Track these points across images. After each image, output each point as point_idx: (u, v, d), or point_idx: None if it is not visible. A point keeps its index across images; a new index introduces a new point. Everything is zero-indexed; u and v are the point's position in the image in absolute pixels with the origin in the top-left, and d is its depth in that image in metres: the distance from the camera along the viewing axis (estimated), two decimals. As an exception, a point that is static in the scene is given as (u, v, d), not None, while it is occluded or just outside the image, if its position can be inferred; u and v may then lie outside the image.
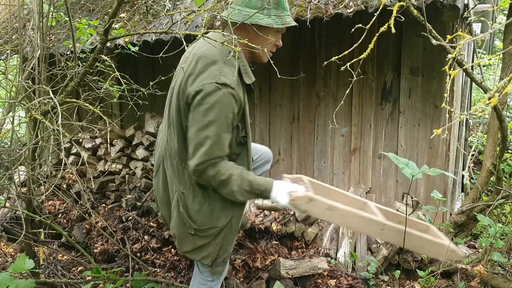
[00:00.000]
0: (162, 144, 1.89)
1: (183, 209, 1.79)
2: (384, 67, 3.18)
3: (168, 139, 1.81)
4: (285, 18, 1.71)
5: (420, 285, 2.62)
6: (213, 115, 1.57)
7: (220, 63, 1.61)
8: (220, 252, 1.87)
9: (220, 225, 1.81)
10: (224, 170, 1.63)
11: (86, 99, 2.31)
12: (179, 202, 1.80)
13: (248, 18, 1.64)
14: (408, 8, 1.85)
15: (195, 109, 1.59)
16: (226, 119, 1.59)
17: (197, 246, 1.83)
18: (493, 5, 4.17)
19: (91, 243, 3.22)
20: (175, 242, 1.93)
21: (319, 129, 3.45)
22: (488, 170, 2.56)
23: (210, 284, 2.05)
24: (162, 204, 1.94)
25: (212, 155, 1.60)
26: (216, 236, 1.82)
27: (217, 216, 1.79)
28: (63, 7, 3.10)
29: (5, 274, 1.72)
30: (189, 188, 1.77)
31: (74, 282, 2.60)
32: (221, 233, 1.83)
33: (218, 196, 1.77)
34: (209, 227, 1.79)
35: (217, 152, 1.61)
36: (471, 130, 5.49)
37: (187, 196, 1.78)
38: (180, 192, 1.79)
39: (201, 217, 1.77)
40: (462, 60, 1.89)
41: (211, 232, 1.81)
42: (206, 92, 1.56)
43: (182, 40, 1.69)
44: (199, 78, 1.60)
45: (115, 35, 2.17)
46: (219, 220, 1.80)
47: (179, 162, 1.77)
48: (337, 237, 2.96)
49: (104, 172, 3.61)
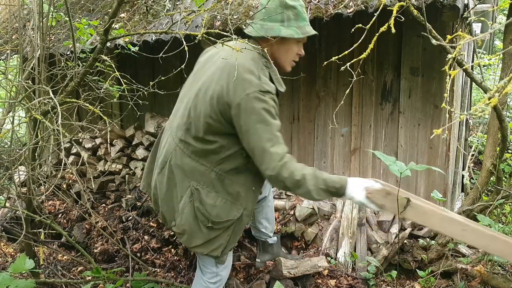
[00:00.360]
0: (172, 142, 1.90)
1: (199, 204, 1.84)
2: (384, 67, 3.18)
3: (183, 138, 1.84)
4: (305, 28, 1.80)
5: (420, 285, 2.62)
6: (265, 120, 1.66)
7: (257, 72, 1.70)
8: (228, 243, 1.94)
9: (233, 217, 1.88)
10: (297, 171, 1.67)
11: (86, 99, 2.31)
12: (193, 198, 1.84)
13: (270, 31, 1.74)
14: (408, 8, 1.85)
15: (245, 118, 1.66)
16: (275, 120, 1.70)
17: (209, 238, 1.88)
18: (493, 5, 4.17)
19: (91, 243, 3.22)
20: (181, 239, 1.95)
21: (319, 129, 3.45)
22: (488, 170, 2.56)
23: (213, 286, 2.06)
24: (164, 201, 1.94)
25: (279, 156, 1.66)
26: (227, 228, 1.90)
27: (230, 209, 1.87)
28: (63, 7, 3.10)
29: (5, 274, 1.72)
30: (203, 185, 1.83)
31: (74, 282, 2.60)
32: (232, 225, 1.91)
33: (231, 192, 1.85)
34: (224, 220, 1.86)
35: (281, 152, 1.67)
36: (471, 130, 5.49)
37: (202, 191, 1.83)
38: (194, 188, 1.84)
39: (216, 211, 1.84)
40: (462, 60, 1.89)
41: (225, 225, 1.88)
42: (253, 101, 1.64)
43: (182, 40, 1.69)
44: (240, 87, 1.66)
45: (115, 35, 2.17)
46: (232, 213, 1.87)
47: (195, 159, 1.82)
48: (337, 237, 2.96)
49: (104, 172, 3.61)
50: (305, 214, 3.00)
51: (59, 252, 3.06)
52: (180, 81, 3.76)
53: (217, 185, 1.84)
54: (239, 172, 1.86)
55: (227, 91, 1.69)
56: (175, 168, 1.87)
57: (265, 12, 1.75)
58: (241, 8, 3.05)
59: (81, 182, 3.25)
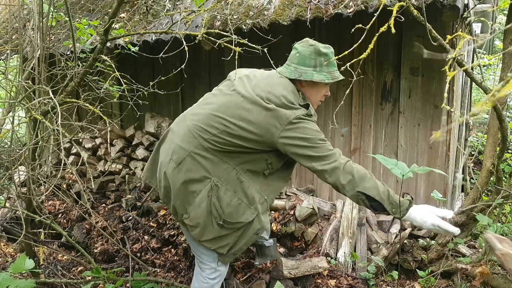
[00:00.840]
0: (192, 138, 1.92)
1: (216, 200, 1.90)
2: (384, 67, 3.18)
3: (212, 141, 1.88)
4: (334, 74, 1.96)
5: (420, 285, 2.62)
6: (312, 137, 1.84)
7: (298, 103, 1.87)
8: (235, 244, 1.99)
9: (245, 220, 1.94)
10: (355, 171, 1.80)
11: (86, 99, 2.31)
12: (211, 193, 1.90)
13: (304, 75, 1.91)
14: (408, 8, 1.85)
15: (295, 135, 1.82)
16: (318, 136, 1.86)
17: (219, 235, 1.95)
18: (493, 5, 4.17)
19: (91, 243, 3.22)
20: (193, 231, 1.98)
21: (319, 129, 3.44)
22: (488, 170, 2.56)
23: (212, 282, 2.10)
24: (178, 195, 1.96)
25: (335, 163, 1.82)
26: (237, 230, 1.96)
27: (243, 212, 1.93)
28: (63, 7, 3.10)
29: (5, 274, 1.72)
30: (222, 182, 1.90)
31: (74, 282, 2.60)
32: (242, 228, 1.96)
33: (248, 194, 1.92)
34: (235, 222, 1.92)
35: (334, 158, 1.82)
36: (471, 130, 5.49)
37: (221, 188, 1.90)
38: (214, 184, 1.90)
39: (230, 210, 1.90)
40: (462, 60, 1.89)
41: (236, 226, 1.94)
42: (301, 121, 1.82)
43: (182, 40, 1.69)
44: (288, 110, 1.82)
45: (115, 35, 2.17)
46: (244, 216, 1.93)
47: (219, 157, 1.89)
48: (337, 237, 2.96)
49: (104, 172, 3.61)
50: (305, 214, 3.00)
51: (59, 252, 3.06)
52: (180, 81, 3.78)
53: (235, 184, 1.90)
54: (257, 175, 1.94)
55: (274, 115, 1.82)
56: (196, 164, 1.90)
57: (299, 57, 1.92)
58: (241, 8, 3.05)
59: (81, 182, 3.25)
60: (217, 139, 1.87)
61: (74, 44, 2.16)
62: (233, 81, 1.98)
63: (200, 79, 3.83)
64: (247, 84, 1.92)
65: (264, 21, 2.85)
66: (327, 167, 1.82)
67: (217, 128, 1.87)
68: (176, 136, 1.99)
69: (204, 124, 1.90)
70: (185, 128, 1.96)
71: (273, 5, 2.95)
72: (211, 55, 3.66)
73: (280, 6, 2.91)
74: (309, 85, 1.95)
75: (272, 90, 1.86)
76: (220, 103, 1.92)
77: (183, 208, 1.97)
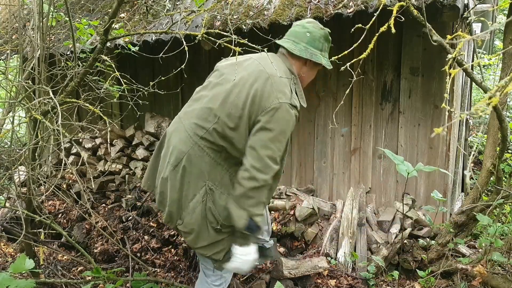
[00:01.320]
0: (188, 140, 1.89)
1: (212, 204, 1.87)
2: (384, 67, 3.18)
3: (205, 136, 1.86)
4: (329, 61, 2.02)
5: (420, 285, 2.62)
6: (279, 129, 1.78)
7: (289, 86, 1.86)
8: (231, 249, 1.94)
9: None
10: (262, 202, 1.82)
11: (86, 99, 2.31)
12: (206, 197, 1.86)
13: (314, 56, 1.94)
14: (408, 8, 1.85)
15: (266, 121, 1.77)
16: (287, 135, 1.83)
17: (214, 241, 1.91)
18: (493, 5, 4.17)
19: (91, 243, 3.22)
20: (187, 238, 1.94)
21: (319, 129, 3.45)
22: (488, 170, 2.56)
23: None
24: (172, 199, 1.92)
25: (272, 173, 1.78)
26: (233, 233, 1.91)
27: None
28: (63, 7, 3.10)
29: (5, 274, 1.72)
30: (217, 185, 1.88)
31: (74, 282, 2.60)
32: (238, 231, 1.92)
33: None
34: (231, 224, 1.87)
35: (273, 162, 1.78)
36: (471, 130, 5.49)
37: (215, 192, 1.87)
38: (209, 188, 1.87)
39: (226, 213, 1.86)
40: (462, 60, 1.89)
41: (231, 229, 1.90)
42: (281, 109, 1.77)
43: (182, 40, 1.69)
44: (274, 95, 1.79)
45: (115, 35, 2.17)
46: None
47: (214, 158, 1.87)
48: (337, 237, 2.96)
49: (104, 172, 3.61)
50: (305, 214, 3.00)
51: (59, 252, 3.06)
52: (180, 81, 3.78)
53: (230, 187, 1.87)
54: None
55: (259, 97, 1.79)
56: (192, 166, 1.87)
57: (310, 37, 1.93)
58: (241, 8, 3.05)
59: (81, 182, 3.25)
60: (209, 136, 1.85)
61: (74, 44, 2.16)
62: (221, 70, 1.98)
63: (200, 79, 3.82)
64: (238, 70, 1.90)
65: (264, 21, 2.85)
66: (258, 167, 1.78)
67: (210, 122, 1.86)
68: (173, 138, 1.97)
69: (198, 119, 1.88)
70: (181, 129, 1.95)
71: (273, 5, 2.95)
72: (211, 55, 3.66)
73: (280, 6, 2.91)
74: (310, 67, 1.98)
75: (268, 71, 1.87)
76: (211, 94, 1.91)
77: (178, 213, 1.93)
